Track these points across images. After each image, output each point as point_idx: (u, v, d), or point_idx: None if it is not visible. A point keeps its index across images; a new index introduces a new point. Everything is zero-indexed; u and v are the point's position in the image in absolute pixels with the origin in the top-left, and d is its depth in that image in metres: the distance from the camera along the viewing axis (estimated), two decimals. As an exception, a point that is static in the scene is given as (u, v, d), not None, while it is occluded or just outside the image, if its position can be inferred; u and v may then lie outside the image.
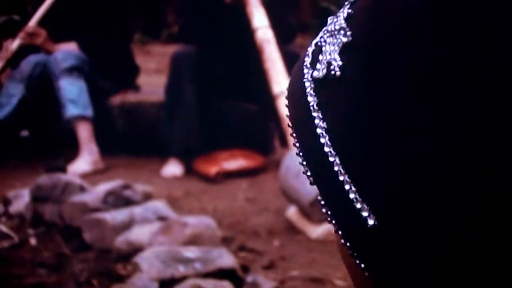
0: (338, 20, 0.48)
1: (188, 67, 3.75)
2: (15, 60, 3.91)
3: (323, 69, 0.47)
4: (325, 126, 0.47)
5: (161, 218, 2.73)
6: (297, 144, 0.49)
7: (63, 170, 3.31)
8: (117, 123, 4.04)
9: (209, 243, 2.51)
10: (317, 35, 0.51)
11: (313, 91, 0.48)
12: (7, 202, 3.16)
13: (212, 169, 3.66)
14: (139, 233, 2.60)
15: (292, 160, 2.84)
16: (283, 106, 3.17)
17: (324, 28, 0.50)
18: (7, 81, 3.93)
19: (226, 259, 2.35)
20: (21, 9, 4.47)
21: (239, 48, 3.73)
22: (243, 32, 3.54)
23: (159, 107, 3.96)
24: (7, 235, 2.86)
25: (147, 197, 3.00)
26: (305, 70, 0.50)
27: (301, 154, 0.49)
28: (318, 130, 0.47)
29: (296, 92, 0.50)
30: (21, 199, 3.11)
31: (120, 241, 2.60)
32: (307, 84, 0.49)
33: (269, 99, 3.28)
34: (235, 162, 3.75)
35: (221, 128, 3.93)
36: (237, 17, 3.60)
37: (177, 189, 3.48)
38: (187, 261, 2.31)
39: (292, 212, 2.98)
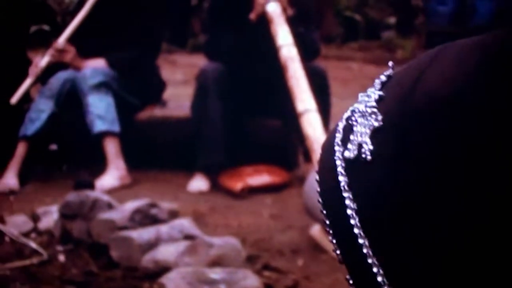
0: (369, 101, 0.49)
1: (214, 84, 3.80)
2: (44, 76, 3.97)
3: (354, 150, 0.48)
4: (355, 208, 0.47)
5: (187, 237, 2.77)
6: (327, 222, 0.50)
7: (91, 186, 3.36)
8: (144, 138, 4.09)
9: (234, 264, 2.55)
10: (348, 110, 0.51)
11: (344, 171, 0.49)
12: (36, 218, 3.22)
13: (237, 185, 3.69)
14: (166, 252, 2.64)
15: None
16: (307, 124, 3.15)
17: (356, 105, 0.51)
18: (37, 96, 4.00)
19: (250, 280, 2.38)
20: (51, 20, 4.55)
21: (263, 65, 3.76)
22: (268, 49, 3.57)
23: (185, 122, 4.01)
24: (36, 251, 2.92)
25: (173, 215, 3.03)
26: (336, 148, 0.50)
27: (330, 232, 0.50)
28: (348, 211, 0.47)
29: (327, 170, 0.51)
30: (50, 216, 3.16)
31: (146, 259, 2.65)
32: (338, 162, 0.49)
33: (294, 115, 3.31)
34: (259, 178, 3.78)
35: (246, 144, 3.97)
36: (261, 35, 3.64)
37: (203, 204, 3.52)
38: (212, 282, 2.35)
39: (316, 230, 2.99)
